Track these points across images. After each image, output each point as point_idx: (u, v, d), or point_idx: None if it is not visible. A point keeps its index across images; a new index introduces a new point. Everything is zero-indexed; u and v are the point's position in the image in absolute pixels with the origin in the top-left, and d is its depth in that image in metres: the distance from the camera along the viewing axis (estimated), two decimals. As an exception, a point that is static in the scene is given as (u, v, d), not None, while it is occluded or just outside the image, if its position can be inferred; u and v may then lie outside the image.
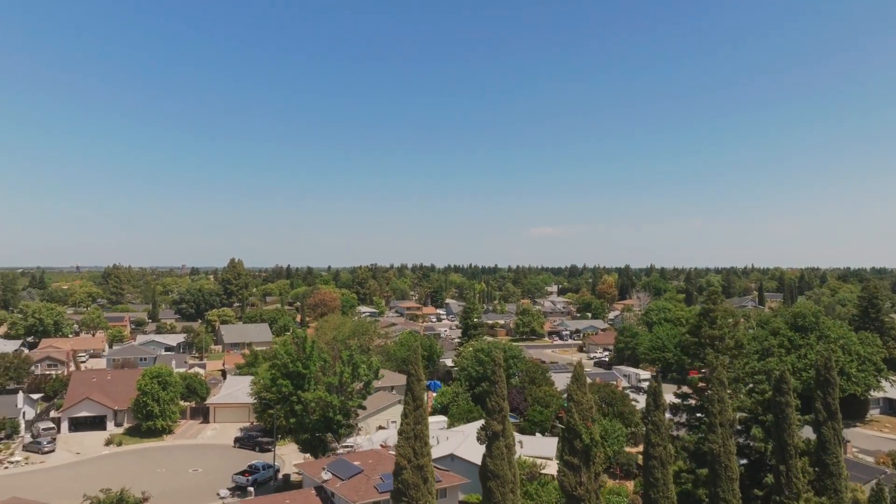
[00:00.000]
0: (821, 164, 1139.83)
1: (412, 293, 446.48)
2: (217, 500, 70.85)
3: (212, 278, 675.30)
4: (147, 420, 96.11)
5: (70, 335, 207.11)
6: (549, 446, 78.86)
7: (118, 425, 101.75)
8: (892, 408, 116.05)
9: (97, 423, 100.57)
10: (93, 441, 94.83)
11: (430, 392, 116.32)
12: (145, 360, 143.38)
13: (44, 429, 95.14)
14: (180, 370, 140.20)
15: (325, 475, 60.73)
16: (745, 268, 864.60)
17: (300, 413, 72.60)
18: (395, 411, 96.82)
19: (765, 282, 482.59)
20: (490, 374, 54.53)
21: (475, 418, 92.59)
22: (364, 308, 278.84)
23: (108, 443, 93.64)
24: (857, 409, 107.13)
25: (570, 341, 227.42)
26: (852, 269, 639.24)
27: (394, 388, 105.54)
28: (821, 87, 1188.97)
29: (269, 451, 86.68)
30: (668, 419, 57.89)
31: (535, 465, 67.92)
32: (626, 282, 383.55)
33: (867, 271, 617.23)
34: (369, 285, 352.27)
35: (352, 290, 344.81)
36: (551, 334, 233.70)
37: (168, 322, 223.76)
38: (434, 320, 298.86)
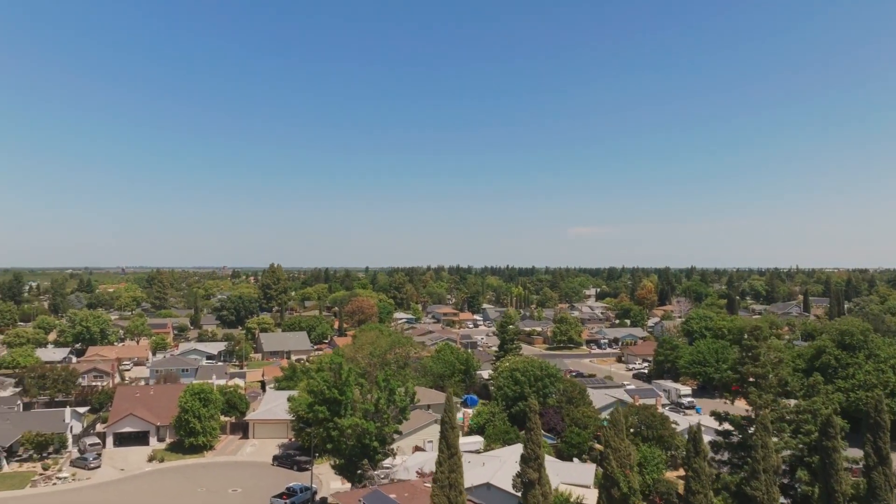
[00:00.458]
0: (867, 159, 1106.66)
1: (449, 297, 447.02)
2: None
3: (252, 280, 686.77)
4: (189, 436, 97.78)
5: (115, 342, 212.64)
6: (586, 473, 77.88)
7: (161, 440, 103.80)
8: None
9: (140, 438, 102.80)
10: (136, 457, 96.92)
11: (467, 410, 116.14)
12: (187, 372, 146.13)
13: (90, 444, 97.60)
14: (220, 382, 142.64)
15: (362, 508, 60.97)
16: (790, 270, 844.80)
17: (336, 438, 73.03)
18: (432, 431, 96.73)
19: (810, 286, 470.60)
20: (525, 410, 53.95)
21: (512, 439, 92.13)
22: (401, 314, 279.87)
23: (151, 459, 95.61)
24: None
25: (609, 350, 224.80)
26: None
27: (430, 406, 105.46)
28: (867, 81, 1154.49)
29: (306, 470, 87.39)
30: (708, 447, 56.58)
31: (572, 498, 67.03)
32: (666, 287, 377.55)
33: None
34: (406, 290, 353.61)
35: (389, 294, 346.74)
36: (589, 343, 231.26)
37: (209, 329, 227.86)
38: (471, 326, 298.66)
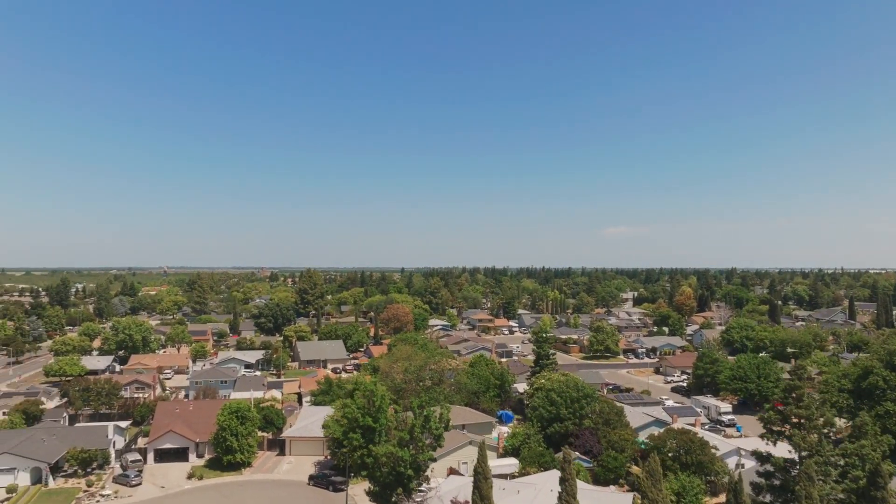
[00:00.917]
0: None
1: (484, 301, 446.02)
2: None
3: (290, 283, 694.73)
4: (226, 454, 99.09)
5: (157, 349, 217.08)
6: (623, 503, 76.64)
7: (199, 456, 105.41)
8: None
9: (180, 454, 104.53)
10: (176, 474, 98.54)
11: (502, 428, 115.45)
12: (226, 383, 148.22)
13: (132, 460, 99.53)
14: (258, 394, 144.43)
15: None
16: (834, 271, 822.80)
17: (371, 465, 73.17)
18: (467, 452, 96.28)
19: (856, 290, 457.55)
20: (562, 432, 53.15)
21: (547, 463, 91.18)
22: (436, 321, 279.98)
23: (191, 476, 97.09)
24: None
25: (647, 360, 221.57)
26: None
27: (465, 426, 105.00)
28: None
29: (342, 490, 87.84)
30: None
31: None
32: (706, 293, 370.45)
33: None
34: (441, 295, 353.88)
35: (424, 299, 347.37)
36: (626, 352, 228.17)
37: (248, 337, 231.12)
38: (506, 333, 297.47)
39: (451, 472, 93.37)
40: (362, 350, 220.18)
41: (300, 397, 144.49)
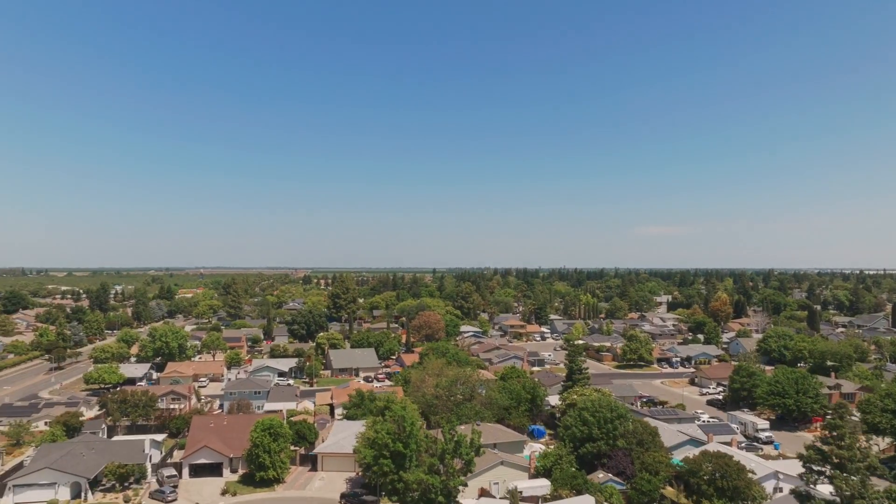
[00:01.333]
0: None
1: (516, 305, 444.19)
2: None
3: (322, 284, 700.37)
4: (259, 471, 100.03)
5: (193, 356, 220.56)
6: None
7: (233, 471, 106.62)
8: None
9: (214, 469, 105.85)
10: (210, 489, 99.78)
11: (534, 446, 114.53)
12: (259, 394, 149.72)
13: (167, 476, 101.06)
14: (290, 405, 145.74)
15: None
16: (877, 273, 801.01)
17: (402, 490, 73.07)
18: (498, 472, 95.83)
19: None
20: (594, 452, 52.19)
21: (580, 485, 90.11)
22: (467, 327, 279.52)
23: (224, 492, 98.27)
24: None
25: (681, 369, 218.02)
26: None
27: (496, 445, 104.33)
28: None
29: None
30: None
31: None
32: (742, 298, 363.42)
33: None
34: (473, 299, 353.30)
35: (455, 303, 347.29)
36: (660, 361, 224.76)
37: (281, 344, 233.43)
38: (538, 339, 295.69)
39: (483, 493, 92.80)
40: (394, 358, 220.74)
41: (332, 409, 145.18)
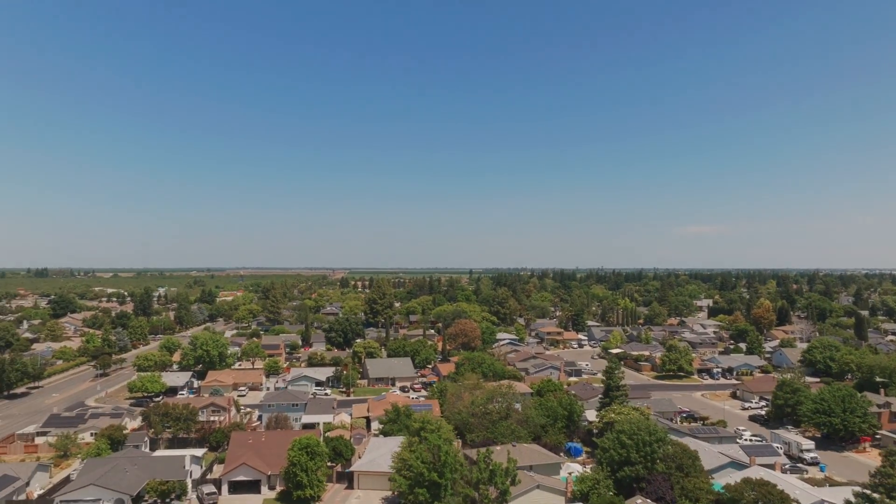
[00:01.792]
0: None
1: (552, 309, 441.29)
2: None
3: (359, 286, 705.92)
4: (296, 489, 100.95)
5: (233, 363, 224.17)
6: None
7: (271, 489, 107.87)
8: None
9: (252, 486, 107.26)
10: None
11: (571, 466, 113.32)
12: (297, 406, 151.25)
13: (207, 493, 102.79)
14: (327, 418, 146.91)
15: None
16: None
17: (437, 520, 72.95)
18: (534, 497, 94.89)
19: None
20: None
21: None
22: (504, 335, 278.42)
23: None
24: None
25: (722, 380, 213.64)
26: None
27: (532, 467, 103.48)
28: None
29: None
30: None
31: None
32: (786, 305, 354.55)
33: None
34: (509, 305, 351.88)
35: (492, 308, 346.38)
36: (701, 372, 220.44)
37: (318, 352, 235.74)
38: (575, 346, 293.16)
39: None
40: (430, 367, 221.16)
41: (368, 422, 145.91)
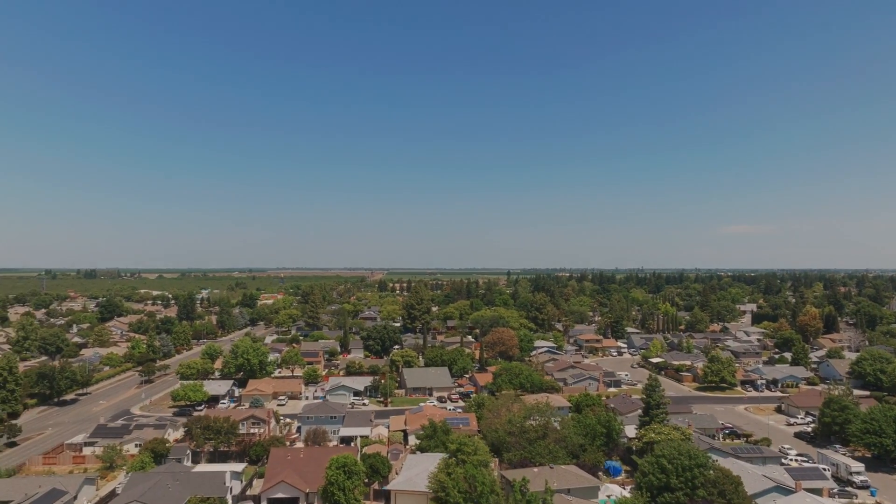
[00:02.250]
0: None
1: (591, 314, 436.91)
2: None
3: (397, 289, 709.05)
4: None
5: (273, 371, 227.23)
6: None
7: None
8: None
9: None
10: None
11: (610, 487, 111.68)
12: (335, 419, 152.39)
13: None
14: (365, 431, 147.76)
15: None
16: None
17: (473, 550, 72.56)
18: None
19: None
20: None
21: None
22: (542, 342, 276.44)
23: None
24: None
25: (766, 393, 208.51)
26: None
27: (570, 490, 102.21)
28: None
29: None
30: None
31: None
32: (833, 311, 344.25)
33: None
34: (547, 310, 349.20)
35: (529, 314, 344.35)
36: (744, 383, 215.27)
37: (357, 360, 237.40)
38: (614, 354, 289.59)
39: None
40: (467, 376, 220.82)
41: (406, 435, 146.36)
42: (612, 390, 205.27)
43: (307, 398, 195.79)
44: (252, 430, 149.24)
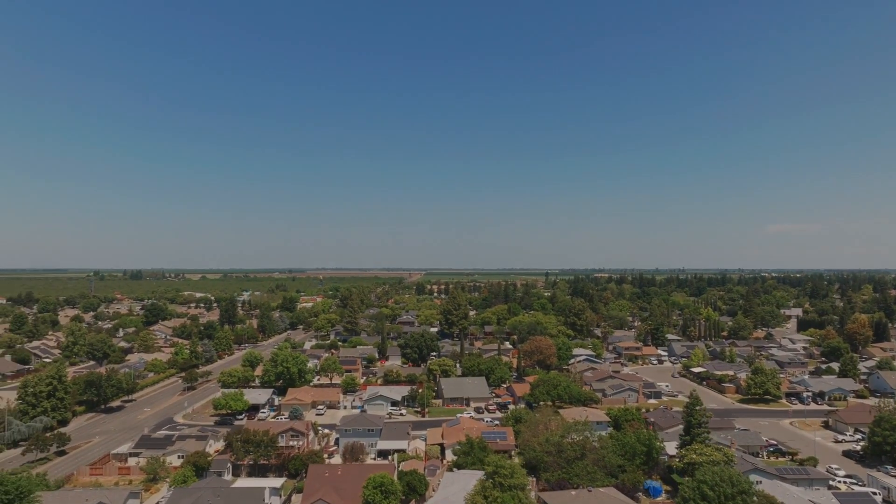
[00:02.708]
0: None
1: (630, 319, 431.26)
2: None
3: (435, 291, 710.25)
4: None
5: (311, 380, 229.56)
6: None
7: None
8: None
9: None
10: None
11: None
12: (372, 432, 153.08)
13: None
14: (402, 444, 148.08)
15: None
16: None
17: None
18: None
19: None
20: None
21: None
22: (580, 350, 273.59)
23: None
24: None
25: (813, 406, 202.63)
26: None
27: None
28: None
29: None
30: None
31: None
32: (883, 318, 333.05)
33: None
34: (585, 316, 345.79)
35: (568, 319, 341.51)
36: (789, 396, 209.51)
37: (394, 369, 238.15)
38: (654, 362, 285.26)
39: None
40: (505, 386, 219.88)
41: (443, 449, 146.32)
42: (651, 402, 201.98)
43: (345, 407, 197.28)
44: (291, 443, 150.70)
